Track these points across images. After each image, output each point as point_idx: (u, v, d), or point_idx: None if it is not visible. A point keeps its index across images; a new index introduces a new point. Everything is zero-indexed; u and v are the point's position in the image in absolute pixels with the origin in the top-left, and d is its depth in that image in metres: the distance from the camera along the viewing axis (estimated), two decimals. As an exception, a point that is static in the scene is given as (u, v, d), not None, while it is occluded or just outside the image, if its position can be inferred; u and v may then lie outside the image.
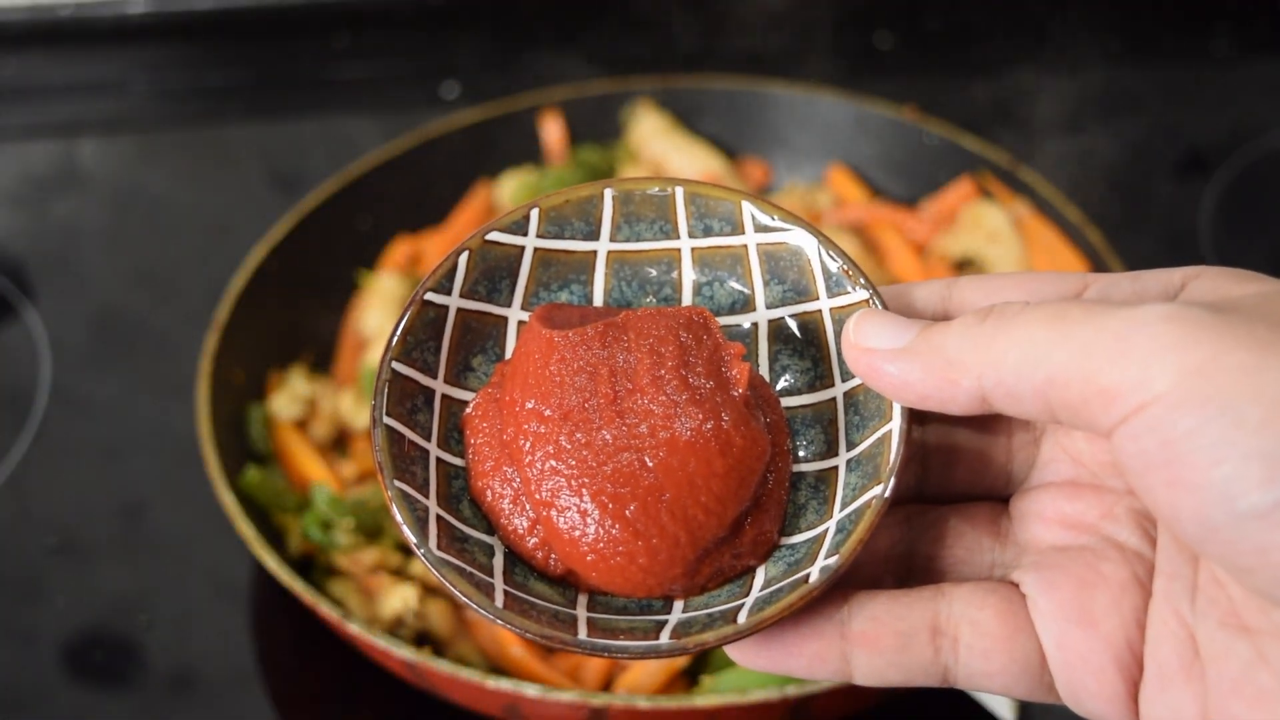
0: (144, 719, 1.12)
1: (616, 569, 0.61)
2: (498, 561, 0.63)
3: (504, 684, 1.00)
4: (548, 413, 0.63)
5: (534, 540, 0.63)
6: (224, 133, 1.46)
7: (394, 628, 1.12)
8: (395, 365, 0.65)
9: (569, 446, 0.62)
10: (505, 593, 0.61)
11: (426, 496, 0.63)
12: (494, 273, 0.68)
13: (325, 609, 1.05)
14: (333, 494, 1.16)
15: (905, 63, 1.70)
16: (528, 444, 0.62)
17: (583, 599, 0.63)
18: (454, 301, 0.67)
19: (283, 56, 1.45)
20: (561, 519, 0.61)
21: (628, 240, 0.70)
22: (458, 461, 0.66)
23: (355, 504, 1.16)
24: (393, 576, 1.15)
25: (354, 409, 1.28)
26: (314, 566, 1.18)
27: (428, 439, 0.65)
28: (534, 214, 0.69)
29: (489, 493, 0.64)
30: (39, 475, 1.28)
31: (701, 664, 1.11)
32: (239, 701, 1.13)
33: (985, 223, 1.38)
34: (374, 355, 1.31)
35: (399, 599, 1.11)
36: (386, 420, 0.63)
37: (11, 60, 1.59)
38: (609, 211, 0.69)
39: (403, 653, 1.02)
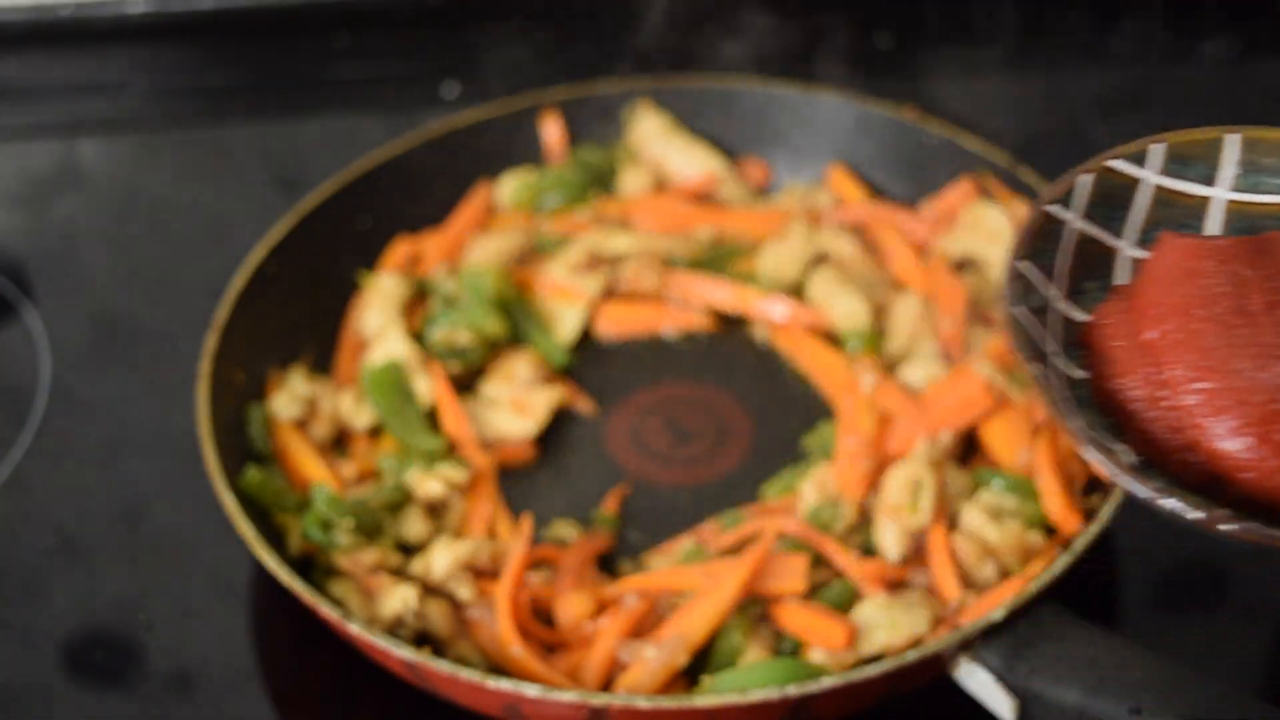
0: (144, 719, 1.11)
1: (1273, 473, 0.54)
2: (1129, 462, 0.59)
3: (504, 684, 1.00)
4: (1197, 312, 0.59)
5: (1172, 443, 0.58)
6: (224, 133, 1.46)
7: (394, 628, 1.11)
8: (1018, 264, 0.64)
9: (1220, 349, 0.57)
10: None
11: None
12: (1110, 200, 0.66)
13: (325, 609, 1.05)
14: (333, 494, 1.16)
15: (905, 63, 1.70)
16: (1172, 346, 0.58)
17: None
18: (1073, 220, 0.66)
19: (283, 56, 1.45)
20: (1212, 423, 0.56)
21: (1248, 190, 0.65)
22: (1077, 373, 0.63)
23: (355, 504, 1.16)
24: (393, 576, 1.14)
25: (354, 409, 1.28)
26: (314, 566, 1.17)
27: (1046, 342, 0.63)
28: (1158, 149, 0.66)
29: (1122, 396, 0.60)
30: (39, 475, 1.27)
31: (701, 664, 1.11)
32: (239, 701, 1.13)
33: (985, 223, 1.37)
34: (374, 355, 1.31)
35: (399, 599, 1.11)
36: (1013, 310, 0.62)
37: (11, 60, 1.58)
38: (1232, 157, 0.65)
39: (403, 653, 1.02)
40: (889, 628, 1.09)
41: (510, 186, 1.46)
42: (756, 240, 1.43)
